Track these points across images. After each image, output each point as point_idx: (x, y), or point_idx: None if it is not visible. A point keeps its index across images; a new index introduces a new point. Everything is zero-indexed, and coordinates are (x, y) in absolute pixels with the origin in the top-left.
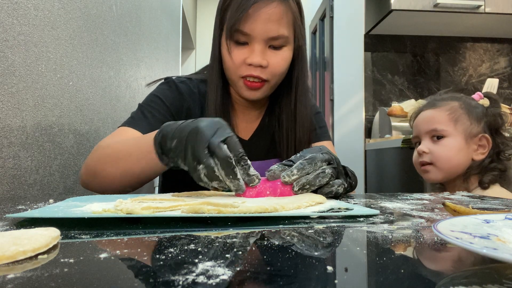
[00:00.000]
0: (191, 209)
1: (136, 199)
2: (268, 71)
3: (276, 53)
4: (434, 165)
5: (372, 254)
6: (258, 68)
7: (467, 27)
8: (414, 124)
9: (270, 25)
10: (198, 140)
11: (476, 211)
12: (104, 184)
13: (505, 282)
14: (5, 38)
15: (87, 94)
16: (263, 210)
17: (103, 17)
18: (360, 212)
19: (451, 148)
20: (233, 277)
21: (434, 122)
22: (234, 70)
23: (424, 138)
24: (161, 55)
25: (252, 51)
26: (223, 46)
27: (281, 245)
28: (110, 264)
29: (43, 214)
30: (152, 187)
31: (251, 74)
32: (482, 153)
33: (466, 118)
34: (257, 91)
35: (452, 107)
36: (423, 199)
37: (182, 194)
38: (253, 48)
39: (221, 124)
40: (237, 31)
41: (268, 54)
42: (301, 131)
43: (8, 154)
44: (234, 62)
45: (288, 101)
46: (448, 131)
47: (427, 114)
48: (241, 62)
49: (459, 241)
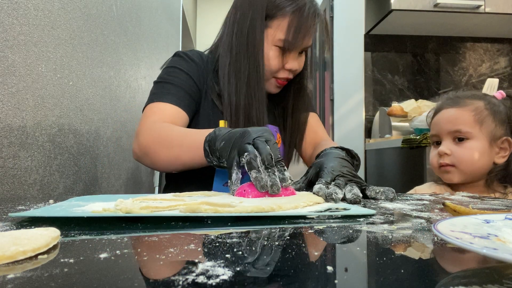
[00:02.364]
0: (189, 208)
1: (137, 199)
2: (295, 72)
3: (302, 56)
4: (456, 167)
5: (372, 254)
6: (292, 72)
7: (467, 27)
8: (434, 122)
9: (310, 38)
10: (245, 137)
11: (476, 211)
12: (156, 163)
13: (505, 282)
14: (5, 38)
15: (87, 94)
16: (260, 209)
17: (103, 17)
18: (357, 212)
19: (475, 151)
20: (233, 277)
21: (458, 123)
22: (271, 70)
23: (445, 138)
24: (161, 55)
25: (293, 59)
26: (268, 50)
27: (281, 245)
28: (110, 264)
29: (44, 213)
30: (152, 187)
31: (286, 77)
32: (503, 156)
33: (491, 120)
34: (280, 88)
35: (477, 108)
36: (423, 200)
37: (183, 195)
38: (292, 55)
39: (267, 130)
40: (294, 46)
41: (299, 59)
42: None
43: (8, 154)
44: (277, 65)
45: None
46: (472, 133)
47: (451, 113)
48: (282, 66)
49: (459, 241)
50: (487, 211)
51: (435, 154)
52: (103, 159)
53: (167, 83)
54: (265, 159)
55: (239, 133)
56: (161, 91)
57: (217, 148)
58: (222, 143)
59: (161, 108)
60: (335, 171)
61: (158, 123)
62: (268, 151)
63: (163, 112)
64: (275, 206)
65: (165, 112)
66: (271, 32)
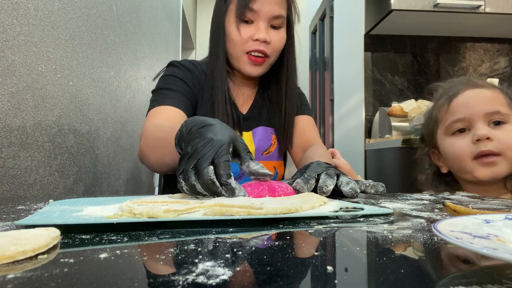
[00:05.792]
0: (218, 211)
1: (135, 201)
2: (270, 47)
3: (276, 31)
4: (502, 156)
5: (372, 254)
6: (263, 43)
7: (467, 27)
8: (459, 104)
9: (274, 5)
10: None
11: (476, 211)
12: (149, 166)
13: (505, 282)
14: (5, 38)
15: (87, 94)
16: (287, 210)
17: (103, 17)
18: (375, 211)
19: None
20: (233, 277)
21: (496, 103)
22: (240, 45)
23: (478, 122)
24: (161, 55)
25: (258, 29)
26: (230, 24)
27: (281, 245)
28: (110, 264)
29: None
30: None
31: (257, 49)
32: None
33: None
34: (259, 66)
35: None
36: (423, 199)
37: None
38: (258, 26)
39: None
40: (247, 8)
41: (270, 32)
42: (290, 105)
43: (8, 154)
44: (242, 38)
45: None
46: (511, 116)
47: (485, 93)
48: (248, 38)
49: (459, 241)
50: (487, 211)
51: (465, 143)
52: (103, 159)
53: (165, 89)
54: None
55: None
56: (160, 97)
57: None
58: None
59: (162, 110)
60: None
61: (154, 125)
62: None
63: (164, 113)
64: (298, 207)
65: (166, 113)
66: (231, 7)
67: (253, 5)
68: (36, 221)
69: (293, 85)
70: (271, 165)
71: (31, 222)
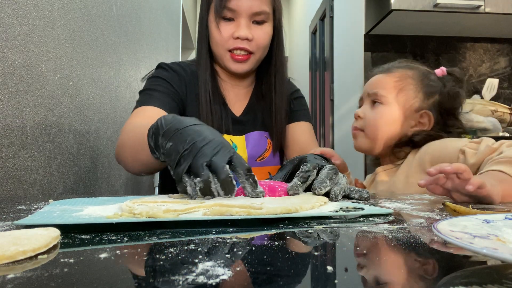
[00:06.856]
0: (218, 211)
1: (135, 201)
2: (253, 44)
3: (259, 27)
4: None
5: (372, 254)
6: (244, 41)
7: (467, 27)
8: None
9: (254, 1)
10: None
11: (476, 211)
12: (125, 163)
13: (505, 282)
14: (5, 38)
15: (87, 94)
16: (287, 210)
17: (103, 17)
18: (375, 211)
19: (383, 117)
20: (233, 277)
21: (378, 86)
22: (222, 44)
23: (366, 101)
24: (161, 55)
25: (238, 26)
26: (211, 23)
27: (281, 245)
28: (110, 264)
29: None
30: (152, 187)
31: (238, 47)
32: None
33: (412, 90)
34: (243, 64)
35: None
36: (423, 199)
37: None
38: (239, 23)
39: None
40: (225, 8)
41: (252, 28)
42: (280, 100)
43: (8, 154)
44: (222, 36)
45: (268, 74)
46: (387, 98)
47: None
48: (229, 36)
49: (459, 241)
50: (487, 211)
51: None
52: (103, 159)
53: (150, 90)
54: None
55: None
56: (144, 98)
57: (161, 145)
58: (169, 144)
59: (145, 110)
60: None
61: (133, 124)
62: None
63: (146, 113)
64: (298, 207)
65: (149, 113)
66: (212, 6)
67: (229, 3)
68: (36, 221)
69: (282, 79)
70: (266, 171)
71: (31, 222)
